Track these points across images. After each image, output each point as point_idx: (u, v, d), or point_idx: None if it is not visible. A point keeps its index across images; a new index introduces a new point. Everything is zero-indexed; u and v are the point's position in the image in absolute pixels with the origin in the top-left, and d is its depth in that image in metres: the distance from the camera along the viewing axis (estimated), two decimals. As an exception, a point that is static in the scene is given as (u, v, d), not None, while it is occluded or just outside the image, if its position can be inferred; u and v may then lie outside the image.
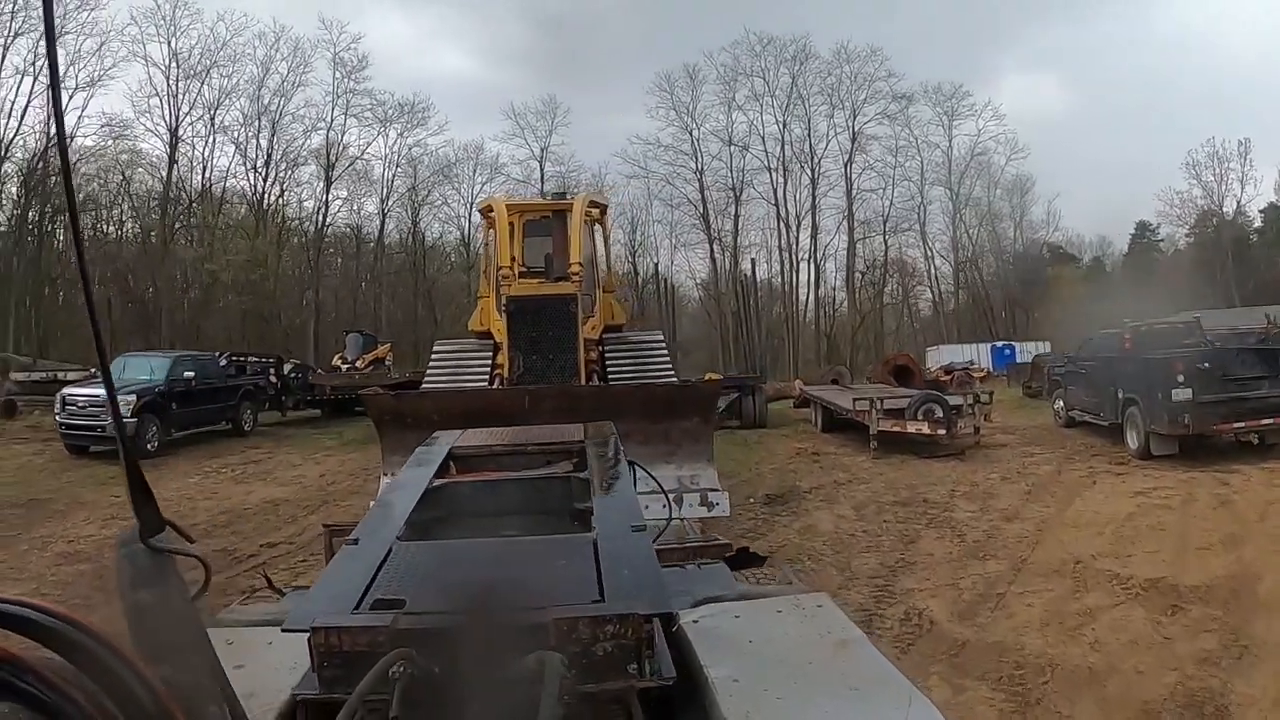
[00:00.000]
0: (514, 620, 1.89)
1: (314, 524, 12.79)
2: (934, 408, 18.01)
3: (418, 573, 2.43)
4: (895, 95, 61.88)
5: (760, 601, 3.05)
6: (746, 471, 16.78)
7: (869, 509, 12.95)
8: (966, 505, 13.01)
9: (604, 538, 2.64)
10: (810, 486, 14.86)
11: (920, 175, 63.21)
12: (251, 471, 18.95)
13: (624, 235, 61.90)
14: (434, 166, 62.00)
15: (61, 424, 20.99)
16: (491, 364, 14.68)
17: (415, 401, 9.99)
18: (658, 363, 15.66)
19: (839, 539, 11.20)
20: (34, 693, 1.07)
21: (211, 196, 57.55)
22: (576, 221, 15.04)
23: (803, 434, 22.82)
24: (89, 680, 1.13)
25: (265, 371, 29.46)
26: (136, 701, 1.17)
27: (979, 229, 64.29)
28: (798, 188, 63.06)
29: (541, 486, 3.89)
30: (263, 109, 57.67)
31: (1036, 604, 8.63)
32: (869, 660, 2.44)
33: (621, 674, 1.89)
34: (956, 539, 11.11)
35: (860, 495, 14.03)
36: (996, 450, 18.34)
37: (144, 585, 1.40)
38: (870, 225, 63.50)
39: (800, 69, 62.60)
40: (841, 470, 16.53)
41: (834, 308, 65.34)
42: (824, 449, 19.51)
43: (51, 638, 1.14)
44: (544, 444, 4.62)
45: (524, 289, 14.08)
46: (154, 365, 23.06)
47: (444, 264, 64.47)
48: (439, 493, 3.65)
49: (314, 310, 58.07)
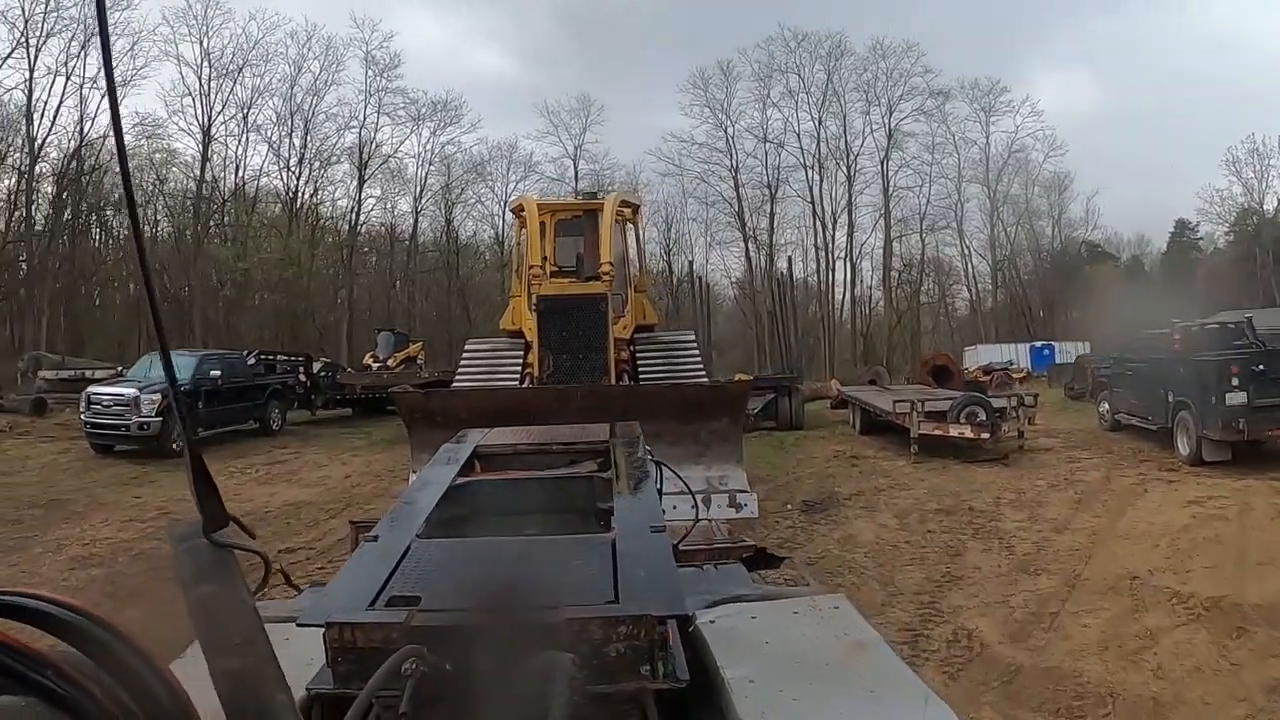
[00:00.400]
0: (527, 619, 1.90)
1: (335, 529, 12.59)
2: (977, 410, 17.40)
3: (435, 570, 2.42)
4: (932, 91, 61.23)
5: (777, 602, 3.06)
6: (783, 476, 16.30)
7: (912, 518, 12.41)
8: (1014, 514, 12.43)
9: (622, 538, 2.63)
10: (850, 493, 14.33)
11: (957, 173, 62.45)
12: (276, 472, 18.71)
13: (659, 233, 61.81)
14: (467, 165, 62.08)
15: (86, 423, 20.85)
16: (523, 363, 14.67)
17: (444, 400, 10.08)
18: (689, 363, 15.74)
19: (881, 550, 10.67)
20: (51, 686, 1.06)
21: (244, 195, 57.75)
22: (607, 221, 14.90)
23: (840, 436, 22.31)
24: (106, 675, 1.13)
25: (294, 370, 29.33)
26: (153, 696, 1.17)
27: (1017, 227, 63.42)
28: (833, 185, 62.49)
29: (564, 486, 3.90)
30: (295, 108, 57.85)
31: (1093, 625, 8.10)
32: (885, 662, 2.44)
33: (634, 675, 1.89)
34: (1005, 551, 10.55)
35: (902, 502, 13.48)
36: (1041, 455, 17.72)
37: (207, 580, 1.43)
38: (907, 223, 62.92)
39: (835, 65, 62.06)
40: (881, 475, 15.99)
41: (870, 307, 64.71)
42: (863, 452, 19.00)
43: (69, 632, 1.15)
44: (569, 443, 4.59)
45: (554, 288, 14.11)
46: (181, 364, 22.49)
47: (478, 262, 64.37)
48: (462, 490, 3.65)
49: (347, 309, 58.07)
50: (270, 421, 25.66)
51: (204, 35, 55.06)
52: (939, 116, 61.90)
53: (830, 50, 61.77)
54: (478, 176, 62.46)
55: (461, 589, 2.22)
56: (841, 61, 61.94)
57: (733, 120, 62.72)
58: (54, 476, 18.26)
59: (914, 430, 17.39)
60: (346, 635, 1.89)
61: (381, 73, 59.07)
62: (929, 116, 61.82)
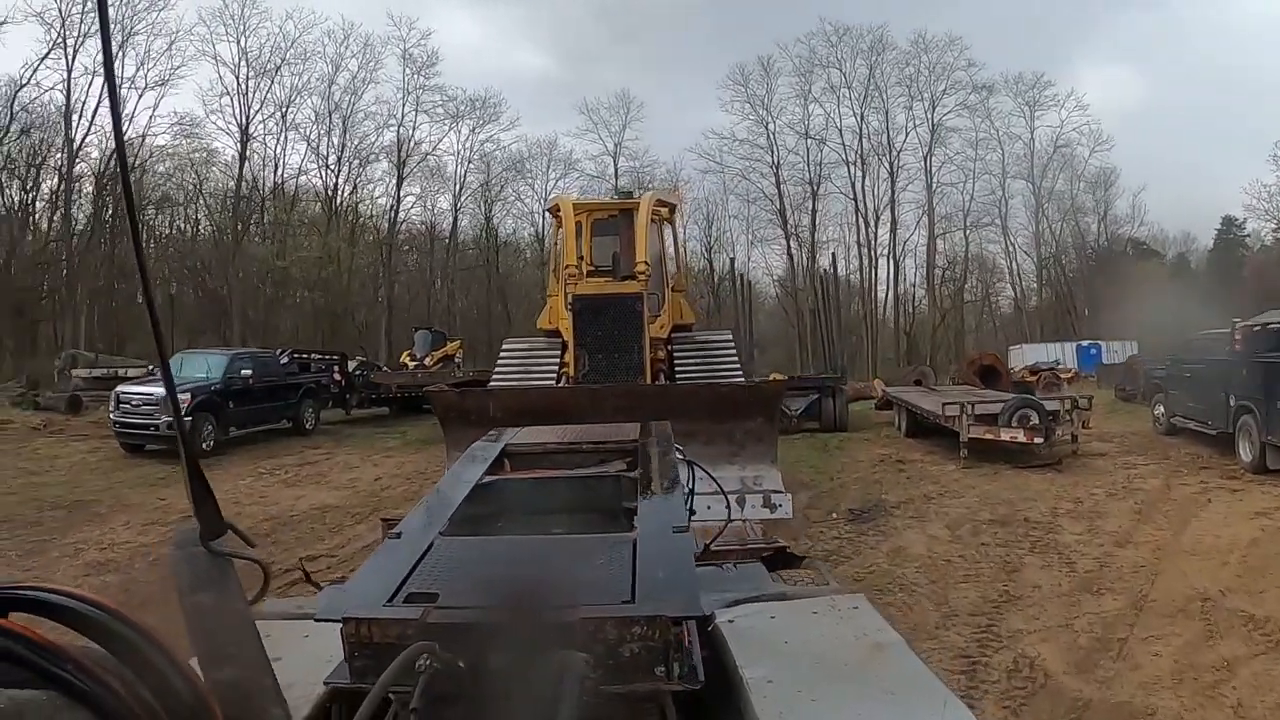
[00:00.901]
0: (543, 618, 1.92)
1: (360, 535, 12.29)
2: (1029, 413, 16.67)
3: (455, 567, 2.44)
4: (975, 86, 60.30)
5: (796, 602, 3.10)
6: (827, 481, 15.68)
7: (964, 529, 11.74)
8: (1072, 526, 11.74)
9: (643, 538, 2.63)
10: (898, 500, 13.68)
11: (1001, 168, 61.48)
12: (306, 474, 18.36)
13: (700, 230, 61.56)
14: (507, 162, 62.11)
15: (115, 422, 20.64)
16: (559, 362, 14.72)
17: (479, 398, 10.07)
18: (725, 363, 15.61)
19: (933, 565, 10.04)
20: (72, 681, 1.05)
21: (284, 194, 57.83)
22: (643, 220, 14.85)
23: (886, 438, 21.62)
24: (127, 670, 1.12)
25: (329, 369, 29.06)
26: (174, 692, 1.16)
27: (1062, 224, 62.39)
28: (876, 182, 61.74)
29: (591, 485, 3.90)
30: (334, 106, 57.88)
31: (1164, 653, 7.48)
32: (905, 663, 2.45)
33: (649, 676, 1.90)
34: (1065, 567, 9.88)
35: (953, 512, 12.81)
36: (1095, 460, 17.00)
37: (202, 588, 1.42)
38: (950, 220, 62.06)
39: (877, 59, 61.33)
40: (930, 481, 15.32)
41: (914, 305, 63.89)
42: (909, 456, 18.32)
43: (91, 627, 1.15)
44: (599, 442, 4.64)
45: (590, 288, 14.11)
46: (211, 363, 22.68)
47: (518, 260, 64.18)
48: (489, 489, 3.67)
49: (386, 307, 58.05)
50: (303, 421, 25.38)
51: (241, 34, 55.39)
52: (982, 111, 61.01)
53: (872, 44, 61.19)
54: (517, 174, 62.67)
55: (479, 587, 2.24)
56: (883, 55, 61.37)
57: (774, 116, 62.28)
58: (81, 476, 18.10)
59: (963, 434, 16.70)
60: (363, 630, 1.91)
61: (419, 70, 59.34)
62: (972, 111, 60.97)
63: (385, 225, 60.62)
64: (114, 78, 1.59)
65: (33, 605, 1.18)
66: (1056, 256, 62.57)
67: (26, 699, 1.03)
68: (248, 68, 55.55)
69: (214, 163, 56.63)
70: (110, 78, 1.57)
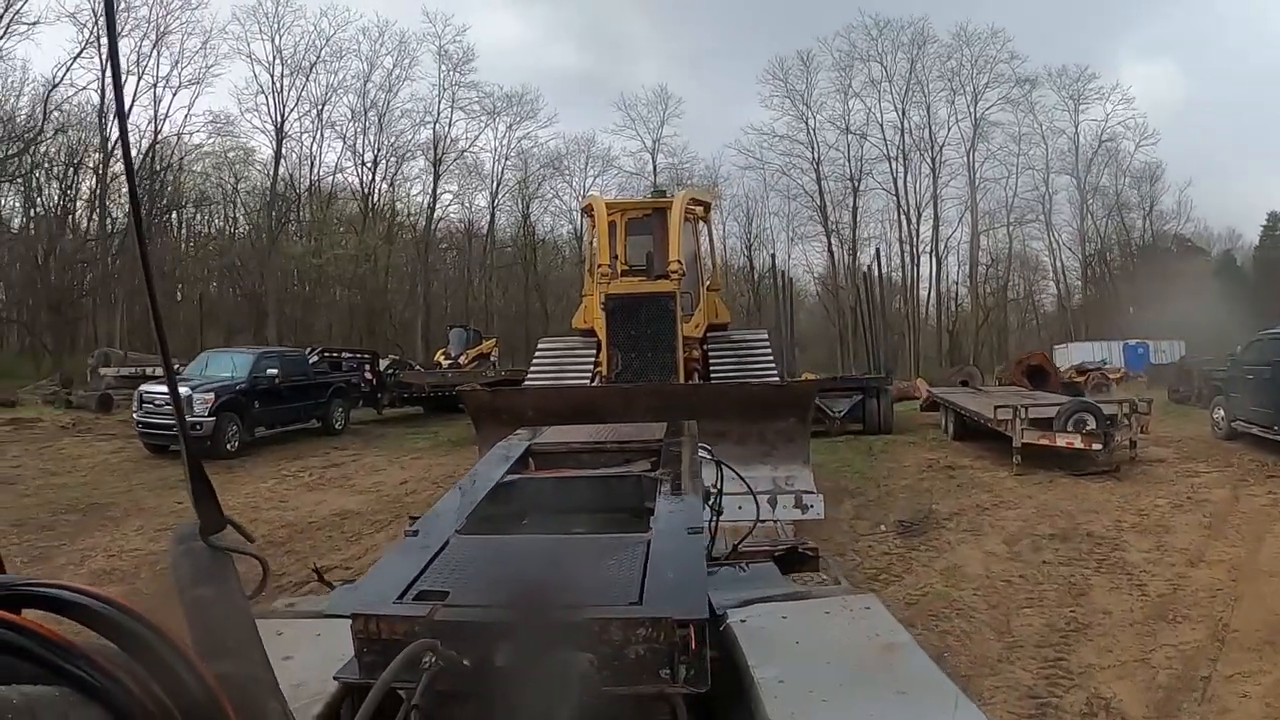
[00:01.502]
0: (549, 618, 1.97)
1: (378, 545, 11.64)
2: (1086, 418, 15.74)
3: (468, 566, 2.47)
4: (1018, 79, 59.20)
5: (808, 602, 3.14)
6: (873, 489, 14.82)
7: (1023, 544, 10.90)
8: (1138, 542, 10.85)
9: (658, 538, 2.67)
10: (950, 511, 12.83)
11: (1045, 164, 60.49)
12: (330, 476, 17.77)
13: (739, 227, 61.09)
14: (544, 159, 61.88)
15: (139, 422, 20.18)
16: (594, 362, 14.87)
17: (511, 398, 10.27)
18: (760, 362, 15.91)
19: (992, 586, 9.24)
20: (84, 677, 1.04)
21: (320, 192, 57.63)
22: (676, 219, 14.88)
23: (932, 442, 20.71)
24: (139, 666, 1.11)
25: (359, 368, 28.47)
26: (186, 689, 1.15)
27: (1107, 220, 61.13)
28: (918, 178, 60.83)
29: (612, 485, 3.89)
30: (369, 104, 57.69)
31: (1254, 694, 6.67)
32: (916, 663, 2.47)
33: (654, 678, 1.91)
34: (1135, 590, 9.02)
35: (1010, 525, 11.94)
36: (1154, 467, 16.01)
37: (203, 582, 1.42)
38: (993, 216, 61.05)
39: (919, 53, 60.86)
40: (982, 490, 14.44)
41: (956, 303, 62.84)
42: (958, 461, 17.43)
43: (103, 623, 1.12)
44: (623, 442, 4.65)
45: (623, 287, 14.15)
46: (237, 362, 22.15)
47: (555, 258, 63.80)
48: (510, 488, 3.70)
49: (423, 305, 57.70)
50: (333, 421, 24.84)
51: (276, 33, 55.60)
52: (1025, 106, 60.01)
53: (913, 37, 60.80)
54: (555, 171, 62.73)
55: (490, 586, 2.27)
56: (925, 49, 60.97)
57: (814, 111, 61.79)
58: (102, 478, 17.67)
59: (1017, 439, 15.77)
60: (371, 627, 1.96)
61: (455, 67, 59.62)
62: (1015, 105, 60.00)
63: (422, 222, 60.48)
64: (119, 74, 1.56)
65: (45, 602, 1.14)
66: (1101, 253, 61.25)
67: (39, 695, 0.99)
68: (282, 66, 55.76)
69: (251, 162, 57.00)
70: (115, 74, 1.55)
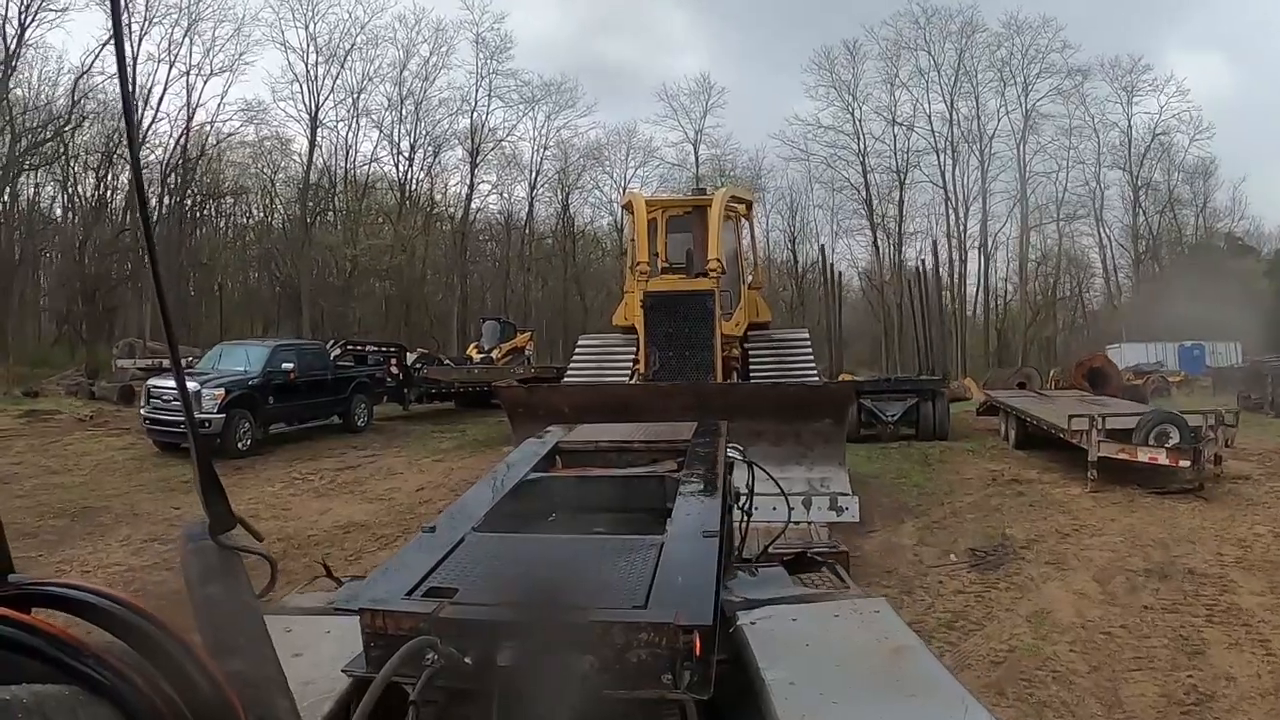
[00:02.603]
0: (553, 619, 1.98)
1: (379, 563, 10.27)
2: (1169, 430, 14.09)
3: (480, 564, 2.51)
4: (1070, 70, 57.23)
5: (818, 605, 3.26)
6: (936, 506, 13.19)
7: (1116, 582, 9.30)
8: (1248, 582, 9.26)
9: (672, 541, 2.68)
10: (1026, 537, 11.23)
11: (1096, 157, 58.54)
12: (342, 481, 16.45)
13: (783, 220, 59.87)
14: (584, 150, 60.98)
15: (146, 418, 19.03)
16: (634, 359, 14.76)
17: (547, 395, 10.43)
18: (800, 362, 16.01)
19: (1090, 639, 7.71)
20: (93, 675, 1.04)
21: (354, 181, 56.88)
22: (715, 216, 14.73)
23: (993, 450, 19.10)
24: (149, 665, 1.11)
25: (384, 362, 26.82)
26: (196, 688, 1.15)
27: (1160, 217, 59.09)
28: (965, 171, 59.05)
29: (635, 485, 3.89)
30: (406, 93, 56.97)
31: None
32: (925, 666, 2.49)
33: (655, 683, 1.91)
34: (1258, 648, 7.43)
35: (1097, 556, 10.34)
36: (1240, 485, 14.31)
37: (212, 581, 1.42)
38: (1043, 211, 59.28)
39: (967, 42, 59.05)
40: (1057, 509, 12.85)
41: (1006, 300, 61.06)
42: (1024, 474, 15.79)
43: (113, 622, 1.14)
44: (650, 442, 4.63)
45: (661, 285, 14.29)
46: (251, 355, 20.86)
47: (595, 250, 62.87)
48: (532, 486, 3.72)
49: (461, 296, 56.81)
50: (354, 418, 23.45)
51: (310, 20, 54.78)
52: (1077, 98, 57.99)
53: (961, 26, 59.06)
54: (595, 162, 61.82)
55: (498, 584, 2.30)
56: (974, 38, 59.11)
57: (859, 102, 60.26)
58: (102, 478, 16.54)
59: (1093, 452, 14.15)
60: (379, 621, 2.01)
61: (492, 55, 58.63)
62: (1066, 97, 58.03)
63: (459, 213, 59.67)
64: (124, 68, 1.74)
65: (54, 600, 1.14)
66: (1153, 250, 59.25)
67: (49, 693, 0.98)
68: (316, 54, 54.94)
69: (288, 152, 56.47)
70: (121, 72, 1.66)
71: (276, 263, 55.52)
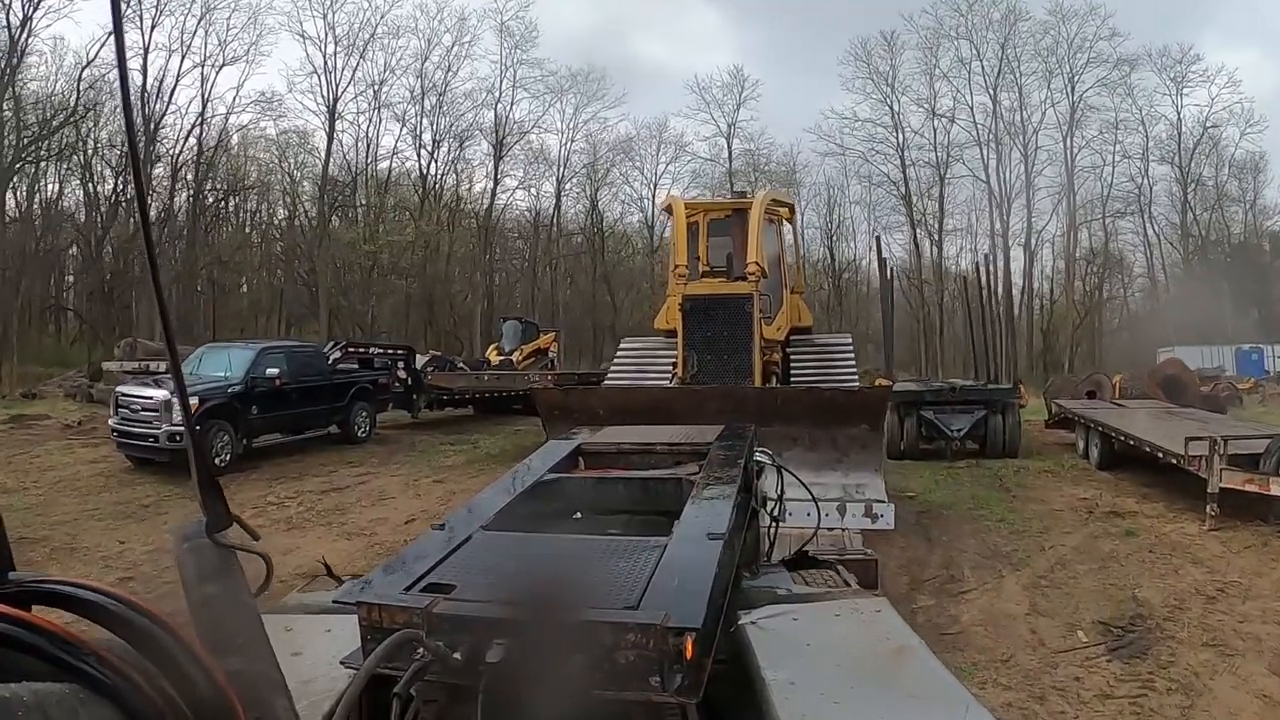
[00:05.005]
0: (545, 617, 1.98)
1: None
2: (1308, 455, 11.81)
3: (482, 561, 2.52)
4: (1118, 60, 54.43)
5: (819, 605, 3.22)
6: (1037, 554, 10.75)
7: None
8: None
9: (675, 543, 2.65)
10: (1163, 602, 8.75)
11: (1144, 152, 55.71)
12: (321, 508, 14.27)
13: (819, 218, 57.66)
14: (614, 144, 59.09)
15: (114, 429, 17.07)
16: (674, 363, 14.52)
17: (583, 397, 10.07)
18: (842, 367, 15.66)
19: None
20: (93, 673, 1.04)
21: (376, 176, 55.49)
22: (755, 220, 14.57)
23: (1073, 471, 16.80)
24: (149, 663, 1.12)
25: (390, 365, 24.36)
26: (196, 686, 1.16)
27: (1209, 214, 56.43)
28: (1008, 165, 56.57)
29: (652, 487, 3.87)
30: (429, 85, 55.32)
31: None
32: (927, 667, 2.45)
33: (642, 684, 1.88)
34: None
35: (1262, 631, 7.86)
36: None
37: (209, 580, 1.42)
38: (1089, 208, 56.76)
39: (1010, 31, 56.22)
40: (1185, 558, 10.41)
41: (1052, 300, 58.57)
42: (1121, 504, 13.43)
43: (113, 620, 1.14)
44: (672, 444, 4.59)
45: (700, 288, 14.22)
46: (234, 359, 18.57)
47: (625, 247, 61.02)
48: (549, 486, 3.73)
49: (485, 295, 55.03)
50: (354, 428, 21.27)
51: (328, 9, 52.99)
52: (1123, 89, 55.16)
53: (1004, 15, 56.17)
54: (624, 156, 59.73)
55: (495, 582, 2.30)
56: (1017, 26, 56.24)
57: (898, 94, 57.88)
58: (57, 498, 14.57)
59: (1213, 482, 11.73)
60: (375, 615, 2.03)
61: (517, 44, 56.51)
62: (1111, 89, 55.22)
63: (483, 208, 57.94)
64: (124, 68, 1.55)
65: (55, 598, 1.14)
66: (1203, 249, 56.59)
67: (49, 692, 0.98)
68: (335, 44, 53.22)
69: (307, 147, 54.99)
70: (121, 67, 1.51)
71: (298, 259, 53.95)
